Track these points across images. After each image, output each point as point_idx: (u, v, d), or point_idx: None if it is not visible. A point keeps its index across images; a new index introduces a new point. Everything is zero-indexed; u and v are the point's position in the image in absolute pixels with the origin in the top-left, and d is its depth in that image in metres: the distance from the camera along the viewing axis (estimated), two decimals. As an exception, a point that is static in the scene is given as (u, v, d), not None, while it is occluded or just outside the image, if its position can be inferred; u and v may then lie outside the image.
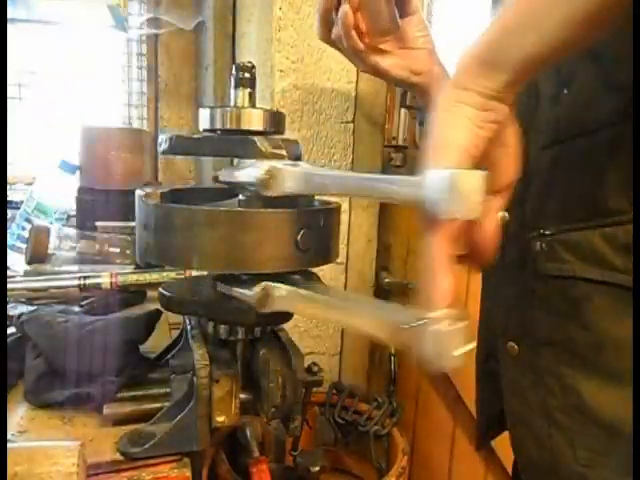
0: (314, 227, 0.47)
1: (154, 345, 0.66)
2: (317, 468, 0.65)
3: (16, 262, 1.06)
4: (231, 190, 0.54)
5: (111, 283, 0.86)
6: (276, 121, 0.52)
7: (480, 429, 0.68)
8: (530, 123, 0.50)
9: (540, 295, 0.50)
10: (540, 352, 0.50)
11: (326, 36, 0.66)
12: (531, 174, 0.50)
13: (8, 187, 1.48)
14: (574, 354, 0.47)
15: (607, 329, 0.45)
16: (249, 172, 0.44)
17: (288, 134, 0.51)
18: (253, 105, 0.52)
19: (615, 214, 0.44)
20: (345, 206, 1.15)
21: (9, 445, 0.42)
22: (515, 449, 0.56)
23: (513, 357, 0.53)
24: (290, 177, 0.42)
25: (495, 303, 0.59)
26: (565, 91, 0.47)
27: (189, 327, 0.59)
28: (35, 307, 0.76)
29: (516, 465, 0.72)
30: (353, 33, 0.63)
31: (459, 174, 0.31)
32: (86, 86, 1.68)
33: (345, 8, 0.62)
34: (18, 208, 1.32)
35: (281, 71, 1.06)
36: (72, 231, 1.17)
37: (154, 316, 0.65)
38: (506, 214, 0.41)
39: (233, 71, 0.52)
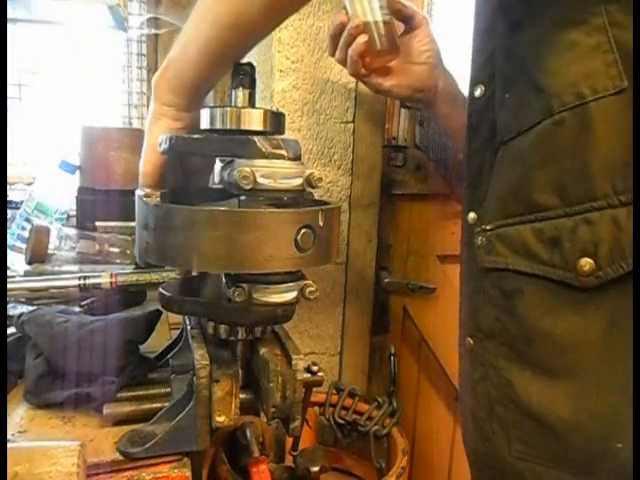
0: (314, 227, 0.47)
1: (154, 345, 0.66)
2: (317, 468, 0.65)
3: (16, 262, 1.06)
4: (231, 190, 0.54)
5: (111, 283, 0.86)
6: (276, 121, 0.52)
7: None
8: (485, 124, 0.55)
9: (484, 289, 0.52)
10: (485, 345, 0.52)
11: (334, 53, 0.78)
12: (484, 175, 0.54)
13: (8, 187, 1.48)
14: (510, 347, 0.49)
15: (537, 321, 0.47)
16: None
17: (288, 134, 0.51)
18: (253, 105, 0.52)
19: (544, 209, 0.46)
20: (345, 206, 1.15)
21: (9, 445, 0.42)
22: (465, 443, 0.57)
23: (468, 351, 0.55)
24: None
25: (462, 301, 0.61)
26: (507, 95, 0.50)
27: (189, 327, 0.59)
28: (35, 307, 0.76)
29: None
30: (356, 59, 0.68)
31: None
32: (86, 86, 1.68)
33: (347, 38, 0.67)
34: (18, 208, 1.32)
35: (281, 71, 1.06)
36: (72, 231, 1.17)
37: (154, 316, 0.65)
38: None
39: (233, 71, 0.52)
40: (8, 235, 1.23)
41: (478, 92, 0.56)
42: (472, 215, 0.56)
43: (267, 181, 0.47)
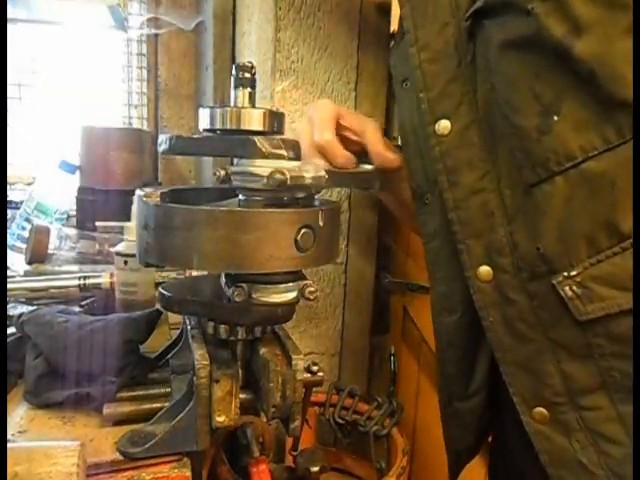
0: (314, 227, 0.47)
1: (154, 345, 0.66)
2: (317, 468, 0.65)
3: (16, 262, 1.06)
4: (231, 190, 0.54)
5: (111, 283, 0.86)
6: (276, 121, 0.52)
7: (450, 465, 0.68)
8: (468, 162, 0.48)
9: (579, 344, 0.45)
10: (584, 405, 0.46)
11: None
12: (516, 216, 0.46)
13: (8, 187, 1.48)
14: (628, 391, 0.44)
15: None
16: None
17: (288, 134, 0.51)
18: (253, 105, 0.52)
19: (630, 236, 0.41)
20: (345, 206, 1.15)
21: (9, 445, 0.42)
22: None
23: (541, 424, 0.48)
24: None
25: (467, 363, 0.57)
26: (555, 118, 0.43)
27: (189, 327, 0.59)
28: (35, 307, 0.76)
29: (490, 468, 0.73)
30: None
31: None
32: (86, 86, 1.68)
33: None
34: (18, 208, 1.32)
35: (281, 71, 1.06)
36: (72, 231, 1.17)
37: (154, 316, 0.65)
38: None
39: (233, 71, 0.51)
40: (8, 235, 1.23)
41: (441, 127, 0.49)
42: (486, 269, 0.48)
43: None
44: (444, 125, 0.49)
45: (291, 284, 0.51)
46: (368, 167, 0.62)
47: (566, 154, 0.42)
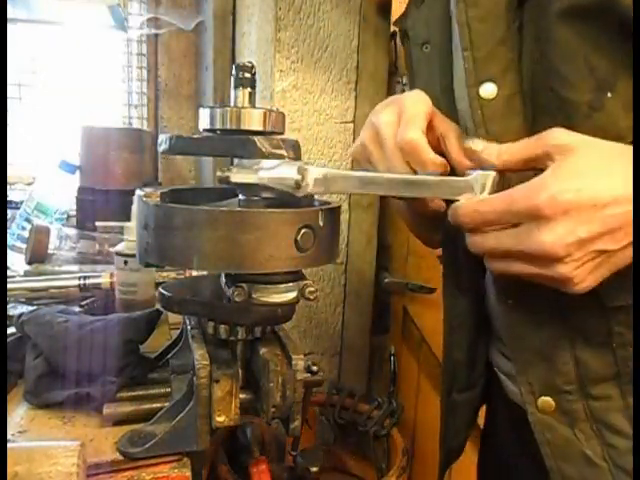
0: (314, 227, 0.47)
1: (154, 345, 0.66)
2: (317, 468, 0.65)
3: (16, 262, 1.06)
4: (231, 190, 0.54)
5: (111, 283, 0.86)
6: (276, 121, 0.52)
7: (441, 461, 0.68)
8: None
9: (601, 332, 0.45)
10: (595, 394, 0.46)
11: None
12: None
13: (8, 187, 1.48)
14: None
15: None
16: (279, 172, 0.44)
17: (288, 134, 0.51)
18: (253, 105, 0.52)
19: None
20: (345, 206, 1.15)
21: (9, 445, 0.42)
22: None
23: (546, 415, 0.48)
24: (312, 177, 0.44)
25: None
26: (609, 94, 0.41)
27: (189, 327, 0.59)
28: (35, 307, 0.76)
29: (480, 462, 0.73)
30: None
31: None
32: (86, 86, 1.68)
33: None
34: (18, 208, 1.32)
35: (281, 71, 1.06)
36: (72, 231, 1.17)
37: (154, 316, 0.65)
38: None
39: (233, 71, 0.51)
40: (8, 235, 1.23)
41: (487, 91, 0.46)
42: None
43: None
44: (490, 89, 0.46)
45: (291, 284, 0.51)
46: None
47: (616, 133, 0.40)
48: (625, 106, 0.41)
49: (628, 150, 0.38)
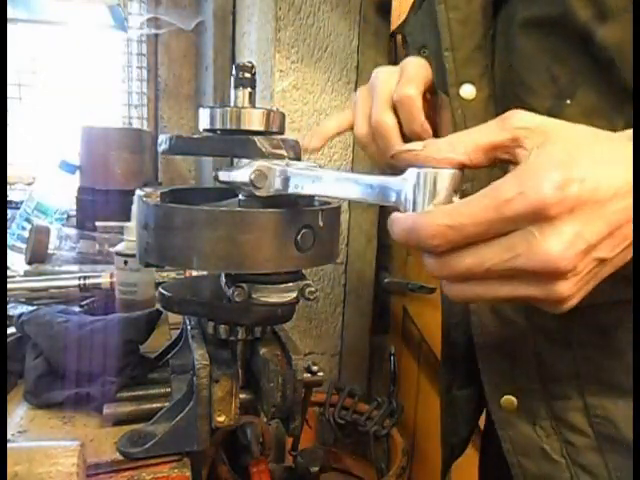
0: (314, 227, 0.47)
1: (154, 345, 0.66)
2: (317, 468, 0.65)
3: (16, 262, 1.06)
4: (231, 190, 0.54)
5: (111, 283, 0.86)
6: (276, 121, 0.52)
7: (443, 458, 0.68)
8: None
9: (563, 332, 0.45)
10: (556, 393, 0.47)
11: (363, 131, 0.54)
12: None
13: (8, 187, 1.48)
14: (601, 383, 0.45)
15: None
16: (243, 172, 0.44)
17: (288, 134, 0.51)
18: (253, 105, 0.52)
19: None
20: (345, 206, 1.15)
21: (9, 445, 0.42)
22: None
23: (509, 412, 0.49)
24: (275, 176, 0.43)
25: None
26: (568, 101, 0.41)
27: (189, 327, 0.59)
28: (35, 307, 0.76)
29: (482, 461, 0.73)
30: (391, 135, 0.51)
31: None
32: (86, 86, 1.68)
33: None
34: (18, 208, 1.32)
35: (281, 71, 1.06)
36: (72, 231, 1.18)
37: (154, 316, 0.65)
38: None
39: (233, 71, 0.51)
40: (8, 235, 1.23)
41: (466, 92, 0.47)
42: None
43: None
44: (469, 90, 0.47)
45: (291, 284, 0.51)
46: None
47: None
48: (585, 112, 0.41)
49: (607, 136, 0.33)
